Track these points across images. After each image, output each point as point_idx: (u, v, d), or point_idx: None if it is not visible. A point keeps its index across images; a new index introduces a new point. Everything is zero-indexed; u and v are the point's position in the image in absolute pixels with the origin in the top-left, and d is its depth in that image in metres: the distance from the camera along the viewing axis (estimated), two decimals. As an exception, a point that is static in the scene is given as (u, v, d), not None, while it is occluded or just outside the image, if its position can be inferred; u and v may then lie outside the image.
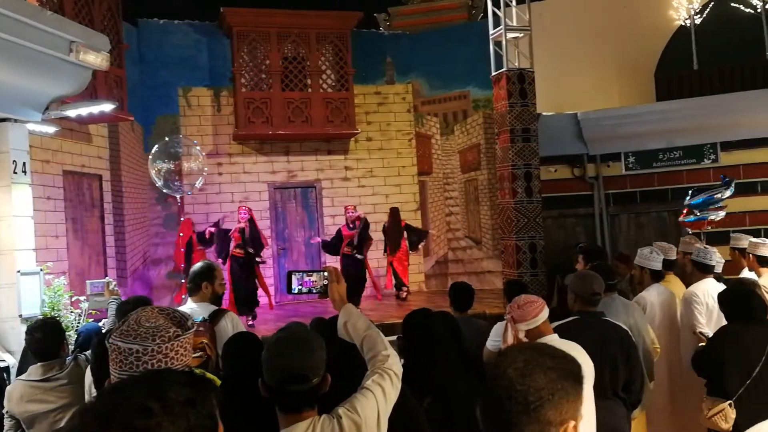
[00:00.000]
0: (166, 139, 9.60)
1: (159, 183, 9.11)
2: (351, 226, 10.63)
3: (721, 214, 7.84)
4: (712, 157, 10.13)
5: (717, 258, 5.52)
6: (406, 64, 12.76)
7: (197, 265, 4.15)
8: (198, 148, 9.64)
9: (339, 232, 10.83)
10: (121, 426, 1.10)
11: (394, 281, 11.39)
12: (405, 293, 11.30)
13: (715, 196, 7.98)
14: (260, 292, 10.09)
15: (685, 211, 8.33)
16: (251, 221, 9.82)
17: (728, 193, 7.84)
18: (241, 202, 11.75)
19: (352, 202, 12.26)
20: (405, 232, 11.31)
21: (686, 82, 11.49)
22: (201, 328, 3.34)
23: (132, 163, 10.78)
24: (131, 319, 1.68)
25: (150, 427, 1.12)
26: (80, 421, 1.13)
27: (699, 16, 11.48)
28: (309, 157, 12.29)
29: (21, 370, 4.48)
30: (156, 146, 9.24)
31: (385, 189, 12.59)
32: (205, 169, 9.69)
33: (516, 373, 1.40)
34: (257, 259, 9.80)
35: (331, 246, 10.88)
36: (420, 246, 11.78)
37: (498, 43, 8.84)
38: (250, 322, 9.39)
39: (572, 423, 1.41)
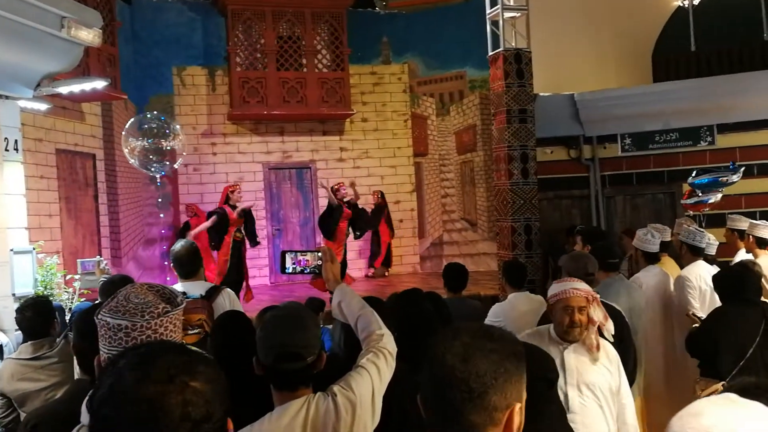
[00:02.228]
0: (138, 116, 9.28)
1: (133, 162, 8.92)
2: (346, 204, 10.37)
3: (718, 196, 7.82)
4: (709, 139, 10.11)
5: (707, 239, 5.53)
6: (402, 44, 12.67)
7: (187, 246, 3.97)
8: (178, 126, 9.40)
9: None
10: (180, 385, 1.09)
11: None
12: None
13: (721, 179, 7.95)
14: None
15: (687, 192, 8.31)
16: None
17: (735, 178, 7.81)
18: (236, 182, 11.71)
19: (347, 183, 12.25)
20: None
21: (683, 63, 11.44)
22: (198, 306, 3.33)
23: (126, 142, 10.69)
24: (120, 295, 1.67)
25: (215, 371, 1.12)
26: (137, 384, 1.08)
27: (697, -3, 11.41)
28: (304, 138, 12.23)
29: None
30: (129, 122, 9.00)
31: (381, 170, 12.55)
32: (184, 151, 9.46)
33: (456, 359, 1.33)
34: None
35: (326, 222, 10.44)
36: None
37: (495, 23, 8.76)
38: None
39: (518, 405, 1.36)
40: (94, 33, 5.90)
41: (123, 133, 8.95)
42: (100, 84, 6.79)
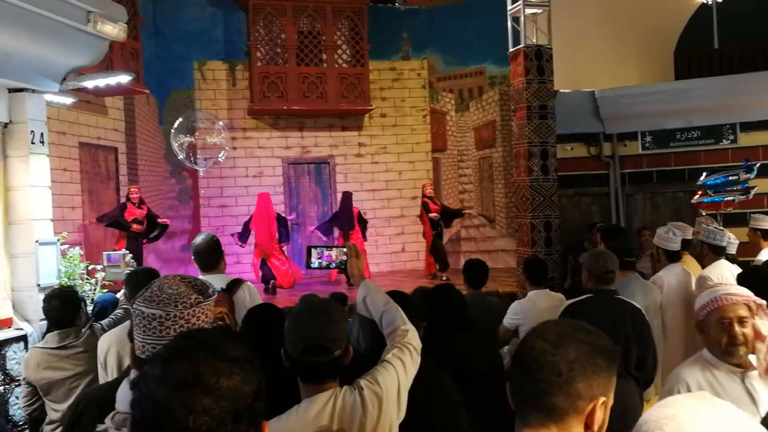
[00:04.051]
0: (191, 112, 9.56)
1: (181, 156, 9.12)
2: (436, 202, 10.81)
3: (750, 194, 7.73)
4: (731, 137, 10.01)
5: (728, 238, 5.47)
6: (422, 40, 12.65)
7: (207, 240, 4.00)
8: (221, 123, 9.61)
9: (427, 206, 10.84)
10: (207, 388, 1.11)
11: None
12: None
13: (731, 177, 7.88)
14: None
15: (699, 193, 8.25)
16: None
17: (748, 176, 7.74)
18: (255, 176, 11.78)
19: (365, 178, 12.28)
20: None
21: (706, 60, 11.35)
22: (219, 299, 3.36)
23: (147, 136, 10.80)
24: (154, 285, 1.71)
25: (236, 386, 1.14)
26: (160, 389, 1.12)
27: (721, -7, 11.29)
28: (323, 133, 12.27)
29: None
30: (179, 120, 9.22)
31: (399, 166, 12.56)
32: (228, 146, 9.64)
33: (549, 344, 1.41)
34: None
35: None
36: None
37: (516, 19, 8.73)
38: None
39: (602, 399, 1.40)
40: (119, 27, 5.97)
41: (172, 129, 9.14)
42: (125, 78, 6.86)
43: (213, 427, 1.09)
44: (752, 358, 2.53)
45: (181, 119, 9.17)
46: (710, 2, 11.22)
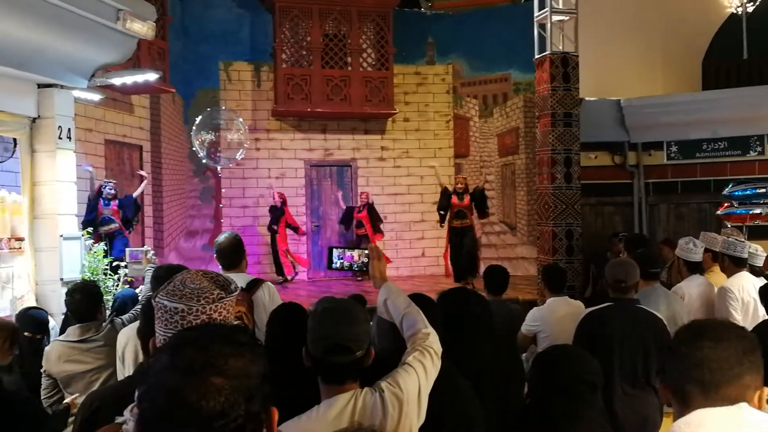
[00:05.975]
0: (209, 110, 9.58)
1: (201, 154, 9.15)
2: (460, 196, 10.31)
3: None
4: (759, 149, 9.88)
5: (751, 249, 5.38)
6: (447, 45, 12.64)
7: (230, 238, 4.05)
8: (241, 120, 9.65)
9: (449, 199, 10.43)
10: (218, 369, 1.11)
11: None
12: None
13: (759, 190, 7.77)
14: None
15: (725, 204, 8.15)
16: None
17: None
18: (277, 178, 11.83)
19: (386, 182, 12.27)
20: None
21: (734, 71, 11.21)
22: (239, 298, 3.36)
23: (172, 135, 10.89)
24: (177, 280, 1.71)
25: (245, 366, 1.14)
26: (170, 376, 1.11)
27: (751, 4, 11.15)
28: (346, 136, 12.29)
29: (63, 332, 4.57)
30: (200, 117, 9.26)
31: (421, 170, 12.54)
32: (247, 142, 9.68)
33: (714, 341, 1.54)
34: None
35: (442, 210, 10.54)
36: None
37: (542, 26, 8.68)
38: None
39: (767, 390, 1.53)
40: (148, 26, 6.04)
41: (194, 126, 9.20)
42: (152, 76, 6.94)
43: (227, 408, 1.08)
44: None
45: (202, 116, 9.19)
46: (740, 12, 11.09)
